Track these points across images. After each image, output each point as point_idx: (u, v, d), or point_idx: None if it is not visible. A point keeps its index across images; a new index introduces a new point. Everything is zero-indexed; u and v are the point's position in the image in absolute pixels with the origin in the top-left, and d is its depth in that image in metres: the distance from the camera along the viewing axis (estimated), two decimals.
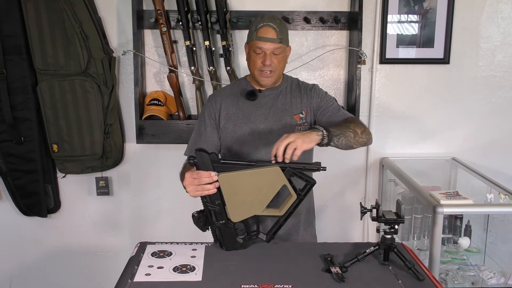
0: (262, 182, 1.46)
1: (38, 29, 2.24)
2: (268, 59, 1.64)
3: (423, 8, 2.42)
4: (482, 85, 2.52)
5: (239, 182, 1.45)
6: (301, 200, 1.50)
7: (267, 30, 1.63)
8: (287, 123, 1.71)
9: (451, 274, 2.06)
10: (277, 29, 1.63)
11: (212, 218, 1.51)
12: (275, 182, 1.46)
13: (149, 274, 1.38)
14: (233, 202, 1.48)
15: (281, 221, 1.53)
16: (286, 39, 1.69)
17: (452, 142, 2.57)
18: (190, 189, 1.45)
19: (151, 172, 2.57)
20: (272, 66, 1.65)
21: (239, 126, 1.71)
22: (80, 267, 2.66)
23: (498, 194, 2.01)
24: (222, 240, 1.53)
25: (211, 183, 1.43)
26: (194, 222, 1.53)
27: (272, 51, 1.64)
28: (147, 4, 2.37)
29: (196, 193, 1.45)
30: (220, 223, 1.50)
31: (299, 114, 1.72)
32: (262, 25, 1.63)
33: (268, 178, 1.45)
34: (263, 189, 1.47)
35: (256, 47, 1.65)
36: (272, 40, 1.63)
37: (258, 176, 1.45)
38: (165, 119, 2.36)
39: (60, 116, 2.33)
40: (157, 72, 2.47)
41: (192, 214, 1.53)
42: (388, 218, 1.43)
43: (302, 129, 1.70)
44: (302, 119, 1.72)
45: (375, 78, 2.49)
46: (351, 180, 2.59)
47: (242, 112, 1.72)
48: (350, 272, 1.38)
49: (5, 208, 2.57)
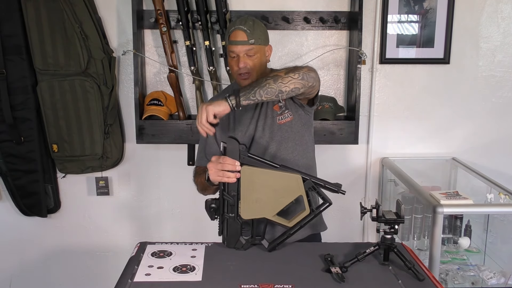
0: (281, 186, 1.49)
1: (38, 29, 2.24)
2: (241, 61, 1.66)
3: (423, 8, 2.42)
4: (482, 85, 2.52)
5: (259, 179, 1.48)
6: (313, 217, 1.53)
7: (236, 34, 1.66)
8: (268, 116, 1.72)
9: (451, 274, 2.06)
10: (248, 31, 1.65)
11: (223, 209, 1.52)
12: (293, 189, 1.49)
13: (149, 274, 1.38)
14: (248, 197, 1.49)
15: (289, 233, 1.53)
16: (262, 38, 1.70)
17: (452, 142, 2.57)
18: (212, 172, 1.49)
19: (151, 172, 2.57)
20: (247, 68, 1.67)
21: (231, 131, 1.74)
22: (80, 267, 2.66)
23: (498, 194, 2.01)
24: (226, 234, 1.54)
25: (233, 172, 1.46)
26: (206, 207, 1.54)
27: (245, 53, 1.66)
28: (147, 4, 2.37)
29: (216, 177, 1.49)
30: (230, 216, 1.51)
31: (278, 103, 1.73)
32: (233, 29, 1.67)
33: (287, 183, 1.49)
34: (280, 193, 1.49)
35: (229, 51, 1.69)
36: (242, 42, 1.65)
37: (279, 178, 1.49)
38: (165, 119, 2.36)
39: (60, 116, 2.33)
40: (157, 72, 2.47)
41: (206, 199, 1.54)
42: (388, 218, 1.44)
43: (283, 118, 1.71)
44: (282, 108, 1.72)
45: (375, 78, 2.49)
46: (351, 180, 2.59)
47: (233, 117, 1.75)
48: (350, 272, 1.38)
49: (5, 208, 2.57)
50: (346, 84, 2.50)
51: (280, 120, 1.72)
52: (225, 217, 1.53)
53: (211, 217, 1.55)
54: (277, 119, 1.72)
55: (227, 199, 1.51)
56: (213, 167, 1.49)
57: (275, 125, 1.71)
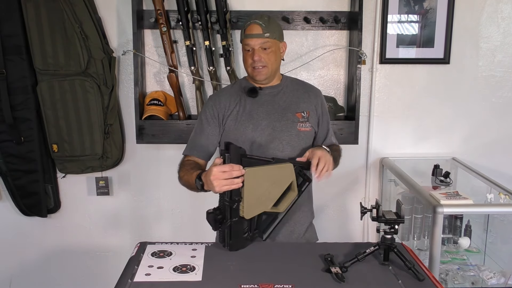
0: (278, 178, 1.53)
1: (38, 29, 2.24)
2: (256, 54, 1.68)
3: (423, 8, 2.42)
4: (482, 85, 2.52)
5: (261, 177, 1.49)
6: (299, 197, 1.58)
7: (252, 27, 1.68)
8: (289, 119, 1.73)
9: (451, 274, 2.06)
10: (263, 25, 1.67)
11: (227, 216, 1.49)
12: (287, 178, 1.55)
13: (149, 274, 1.38)
14: (251, 197, 1.49)
15: (281, 218, 1.57)
16: (277, 34, 1.72)
17: (452, 142, 2.57)
18: (217, 184, 1.43)
19: (151, 172, 2.57)
20: (262, 61, 1.68)
21: (241, 123, 1.72)
22: (80, 267, 2.66)
23: (498, 194, 2.01)
24: (230, 239, 1.52)
25: (238, 177, 1.44)
26: (210, 219, 1.48)
27: (260, 46, 1.68)
28: (147, 4, 2.37)
29: (223, 187, 1.43)
30: (233, 221, 1.49)
31: (301, 112, 1.76)
32: (249, 23, 1.70)
33: (283, 174, 1.54)
34: (278, 185, 1.53)
35: (245, 44, 1.71)
36: (257, 35, 1.67)
37: (276, 171, 1.53)
38: (165, 119, 2.36)
39: (60, 116, 2.33)
40: (157, 72, 2.47)
41: (207, 211, 1.50)
42: (388, 218, 1.44)
43: (304, 126, 1.75)
44: (304, 118, 1.76)
45: (375, 78, 2.49)
46: (351, 180, 2.59)
47: (245, 110, 1.73)
48: (350, 272, 1.38)
49: (5, 208, 2.57)
50: (346, 84, 2.50)
51: (300, 127, 1.74)
52: (229, 223, 1.49)
53: (215, 227, 1.50)
54: (298, 125, 1.74)
55: (229, 206, 1.48)
56: (217, 178, 1.42)
57: (294, 130, 1.73)
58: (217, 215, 1.48)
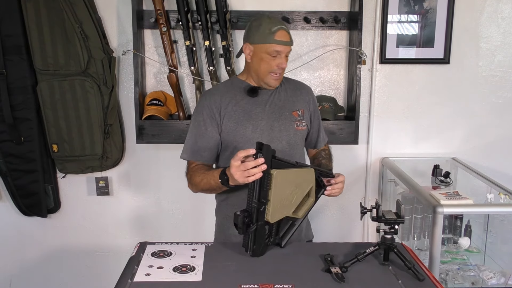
0: (301, 181, 1.53)
1: (38, 29, 2.24)
2: (284, 62, 1.69)
3: (423, 8, 2.42)
4: (482, 85, 2.52)
5: (288, 180, 1.49)
6: (315, 204, 1.59)
7: (284, 34, 1.66)
8: (287, 119, 1.74)
9: (451, 274, 2.06)
10: (289, 33, 1.69)
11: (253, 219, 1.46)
12: (309, 183, 1.55)
13: (149, 274, 1.38)
14: (277, 200, 1.47)
15: (298, 224, 1.58)
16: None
17: (452, 142, 2.57)
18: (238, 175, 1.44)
19: (151, 172, 2.57)
20: (282, 68, 1.70)
21: (241, 124, 1.70)
22: (80, 267, 2.66)
23: (498, 194, 2.01)
24: (253, 244, 1.48)
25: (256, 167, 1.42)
26: (239, 221, 1.44)
27: (286, 53, 1.70)
28: (147, 4, 2.37)
29: (245, 178, 1.43)
30: (259, 224, 1.46)
31: (297, 111, 1.77)
32: (278, 28, 1.66)
33: (306, 178, 1.54)
34: (300, 189, 1.53)
35: (273, 50, 1.66)
36: (287, 43, 1.68)
37: (301, 175, 1.53)
38: (165, 119, 2.36)
39: (60, 116, 2.33)
40: (157, 72, 2.47)
41: (235, 213, 1.46)
42: (388, 218, 1.44)
43: (300, 125, 1.76)
44: (300, 117, 1.77)
45: (375, 78, 2.49)
46: (351, 180, 2.59)
47: (243, 110, 1.72)
48: (350, 272, 1.38)
49: (5, 208, 2.57)
50: (346, 84, 2.50)
51: (297, 126, 1.76)
52: (255, 226, 1.46)
53: (243, 230, 1.46)
54: (295, 124, 1.75)
55: (256, 208, 1.45)
56: (237, 170, 1.44)
57: (292, 129, 1.74)
58: (245, 217, 1.45)
